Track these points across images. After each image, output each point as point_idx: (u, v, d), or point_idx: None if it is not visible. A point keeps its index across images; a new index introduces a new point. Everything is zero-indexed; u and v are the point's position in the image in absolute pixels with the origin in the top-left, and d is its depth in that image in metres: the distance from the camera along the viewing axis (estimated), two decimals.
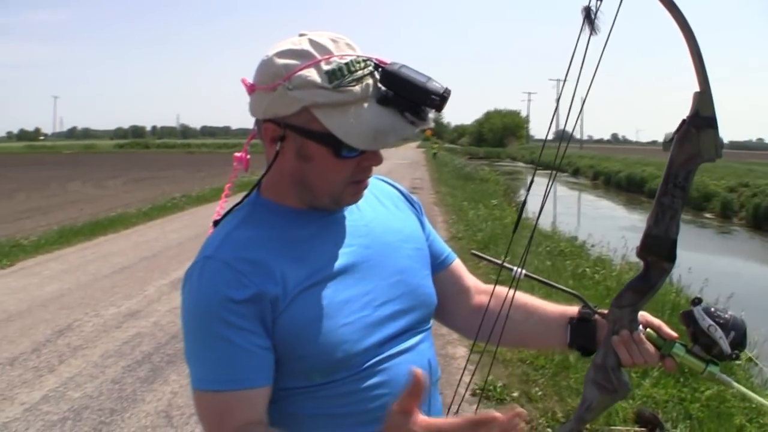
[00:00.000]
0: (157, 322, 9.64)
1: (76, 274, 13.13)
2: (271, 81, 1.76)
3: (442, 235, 2.31)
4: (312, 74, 1.71)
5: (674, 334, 1.95)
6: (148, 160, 75.62)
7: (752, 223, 30.21)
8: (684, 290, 11.77)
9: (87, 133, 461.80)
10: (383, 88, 1.75)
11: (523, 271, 2.11)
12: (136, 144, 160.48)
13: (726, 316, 1.89)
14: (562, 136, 1.98)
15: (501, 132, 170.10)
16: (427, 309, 2.09)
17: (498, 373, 7.44)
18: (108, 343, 8.69)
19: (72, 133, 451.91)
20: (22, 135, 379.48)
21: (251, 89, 1.85)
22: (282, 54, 1.77)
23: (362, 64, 1.75)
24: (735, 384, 1.96)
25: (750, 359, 8.32)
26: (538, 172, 2.14)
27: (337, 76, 1.71)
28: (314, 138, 1.76)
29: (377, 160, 1.84)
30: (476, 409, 1.96)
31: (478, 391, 6.58)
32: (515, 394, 6.92)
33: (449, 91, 1.73)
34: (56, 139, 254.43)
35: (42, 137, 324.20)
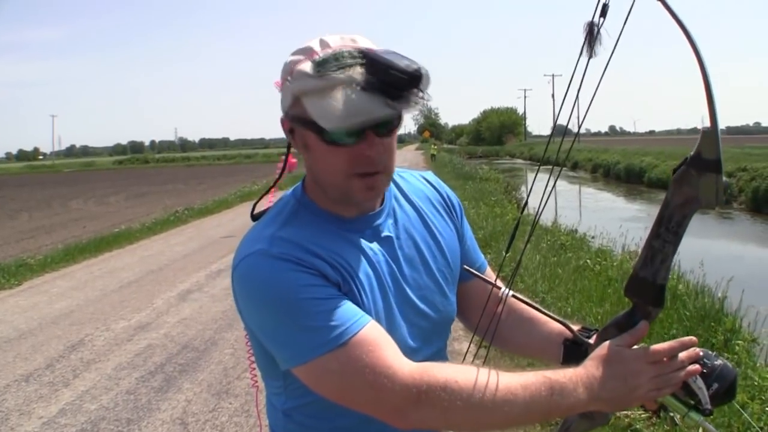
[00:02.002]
0: (168, 333, 9.75)
1: (84, 290, 13.24)
2: (282, 78, 1.88)
3: None
4: (305, 66, 1.80)
5: None
6: (149, 174, 75.61)
7: (752, 207, 30.15)
8: (684, 276, 11.83)
9: (86, 151, 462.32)
10: (367, 74, 1.76)
11: (510, 292, 2.09)
12: (136, 159, 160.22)
13: (713, 364, 1.78)
14: (563, 132, 2.02)
15: (498, 130, 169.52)
16: (444, 327, 2.17)
17: (505, 366, 7.51)
18: (120, 356, 8.80)
19: (71, 152, 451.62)
20: (21, 155, 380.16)
21: (279, 88, 1.94)
22: (293, 53, 1.88)
23: (352, 54, 1.80)
24: None
25: (754, 340, 8.45)
26: (543, 168, 2.16)
27: (323, 65, 1.78)
28: (306, 125, 1.82)
29: (373, 150, 1.81)
30: None
31: None
32: None
33: (422, 69, 1.73)
34: (55, 158, 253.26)
35: (41, 156, 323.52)
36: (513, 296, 2.10)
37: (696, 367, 1.73)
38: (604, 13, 1.64)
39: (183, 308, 11.20)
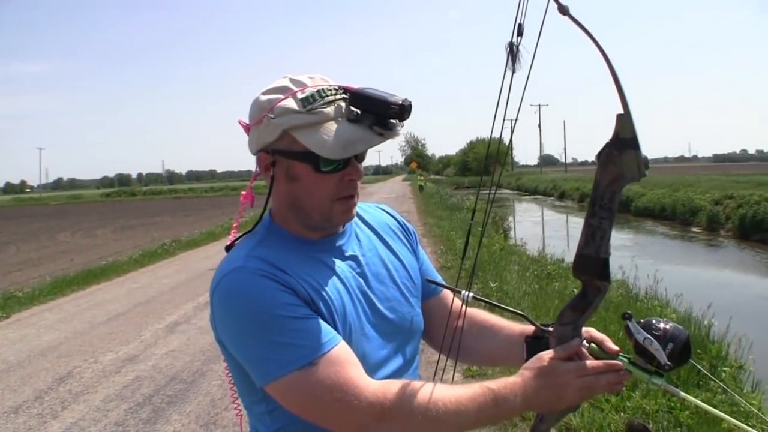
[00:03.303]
0: (156, 365, 9.73)
1: (72, 322, 13.20)
2: (258, 115, 2.01)
3: (432, 264, 2.50)
4: (289, 103, 1.96)
5: (616, 347, 2.03)
6: (136, 207, 75.56)
7: (739, 234, 30.32)
8: (671, 302, 11.89)
9: (73, 184, 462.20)
10: (353, 108, 1.95)
11: (471, 294, 2.19)
12: (123, 192, 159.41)
13: (664, 327, 1.94)
14: (493, 164, 2.13)
15: (485, 160, 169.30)
16: (413, 336, 2.28)
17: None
18: (108, 388, 8.78)
19: (58, 184, 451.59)
20: (8, 188, 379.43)
21: (247, 129, 2.09)
22: (266, 92, 2.03)
23: (333, 91, 1.98)
24: (682, 393, 2.01)
25: (741, 366, 8.48)
26: (530, 198, 2.27)
27: (310, 101, 1.95)
28: (297, 157, 1.98)
29: (357, 174, 2.02)
30: None
31: None
32: None
33: (408, 101, 1.93)
34: (42, 191, 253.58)
35: (28, 189, 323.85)
36: (474, 298, 2.20)
37: (618, 381, 1.95)
38: (520, 33, 1.76)
39: (171, 340, 11.18)
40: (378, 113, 1.91)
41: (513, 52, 1.78)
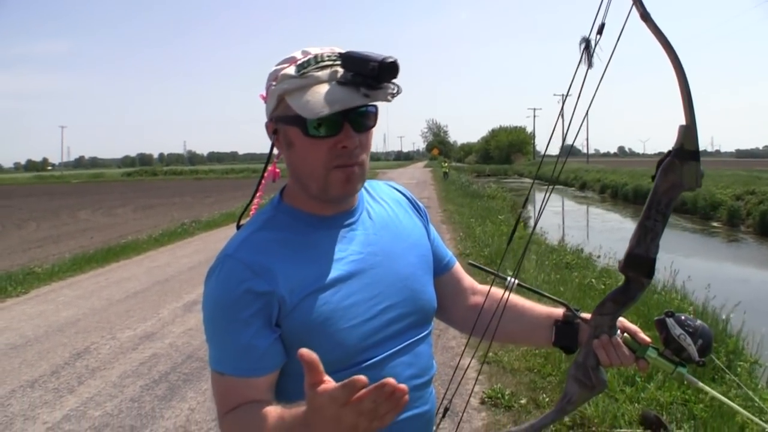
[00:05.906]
0: (173, 343, 9.80)
1: (90, 299, 13.29)
2: (267, 86, 2.05)
3: (451, 251, 2.54)
4: (289, 70, 1.97)
5: (648, 339, 2.14)
6: (157, 187, 75.60)
7: (759, 230, 30.02)
8: (689, 296, 11.85)
9: (94, 162, 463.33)
10: (343, 70, 1.94)
11: (516, 281, 2.32)
12: (144, 172, 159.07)
13: (695, 324, 2.08)
14: (567, 151, 2.19)
15: (507, 149, 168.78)
16: (426, 313, 2.28)
17: (506, 382, 7.56)
18: (125, 365, 8.85)
19: (79, 163, 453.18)
20: (30, 165, 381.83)
21: (264, 99, 2.10)
22: (278, 63, 2.04)
23: (332, 56, 1.97)
24: (701, 384, 2.13)
25: (756, 362, 8.47)
26: (546, 186, 2.31)
27: (304, 66, 1.95)
28: (289, 122, 1.98)
29: (350, 141, 1.95)
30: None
31: (486, 400, 6.73)
32: (523, 401, 7.02)
33: (391, 59, 1.87)
34: (64, 169, 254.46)
35: (50, 167, 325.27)
36: (518, 285, 2.34)
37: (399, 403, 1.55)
38: (600, 32, 1.79)
39: (188, 319, 11.24)
40: (360, 73, 1.89)
41: (589, 48, 1.83)
